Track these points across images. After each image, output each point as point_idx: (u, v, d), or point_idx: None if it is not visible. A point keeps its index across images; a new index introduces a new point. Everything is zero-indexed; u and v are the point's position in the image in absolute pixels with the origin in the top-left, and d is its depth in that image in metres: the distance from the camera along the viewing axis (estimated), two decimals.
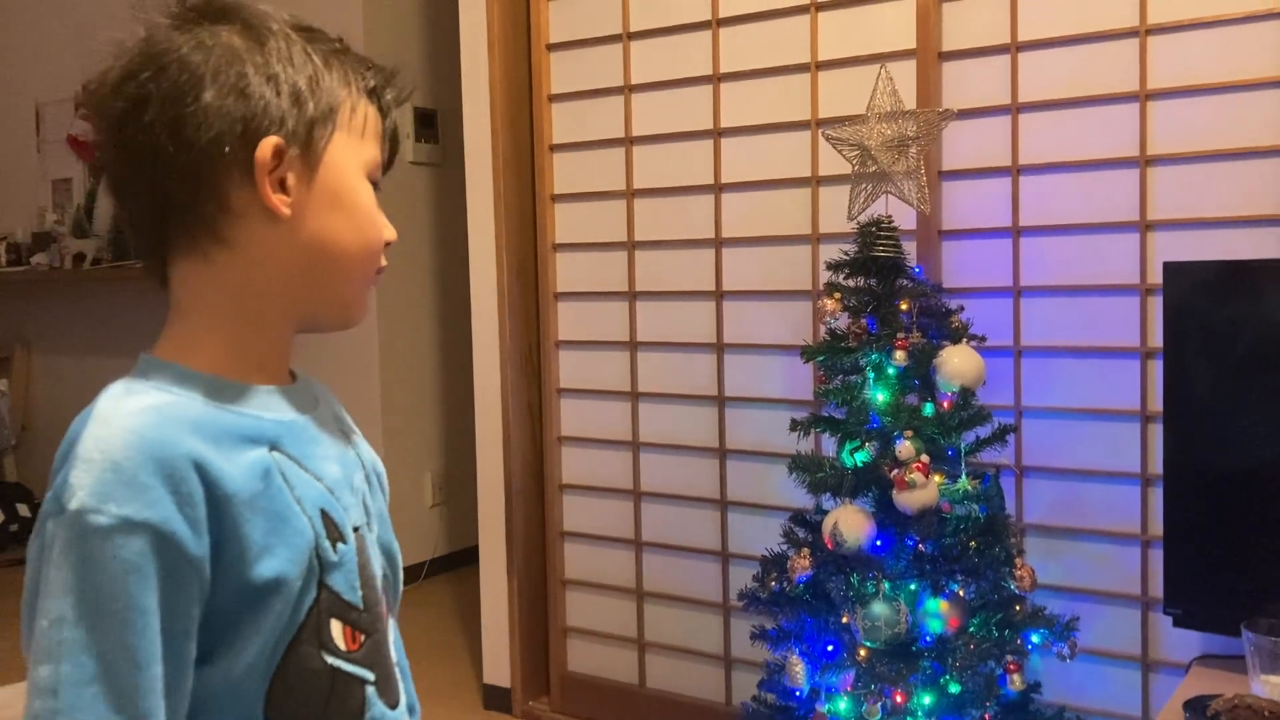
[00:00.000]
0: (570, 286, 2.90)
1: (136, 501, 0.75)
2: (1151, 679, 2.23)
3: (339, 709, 0.84)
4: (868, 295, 2.03)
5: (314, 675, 0.82)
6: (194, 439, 0.78)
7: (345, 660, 0.85)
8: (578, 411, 2.92)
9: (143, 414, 0.79)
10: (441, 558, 4.28)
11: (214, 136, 0.82)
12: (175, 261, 0.86)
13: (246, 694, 0.80)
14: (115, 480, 0.75)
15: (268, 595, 0.79)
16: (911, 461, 1.90)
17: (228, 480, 0.79)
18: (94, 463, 0.76)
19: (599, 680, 2.89)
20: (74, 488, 0.75)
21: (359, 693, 0.86)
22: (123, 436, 0.77)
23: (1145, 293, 2.19)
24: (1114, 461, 2.24)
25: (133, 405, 0.79)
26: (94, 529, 0.74)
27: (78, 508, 0.74)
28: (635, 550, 2.83)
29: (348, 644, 0.85)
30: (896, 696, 1.89)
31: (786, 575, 2.05)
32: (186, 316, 0.86)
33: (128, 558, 0.74)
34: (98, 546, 0.74)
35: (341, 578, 0.85)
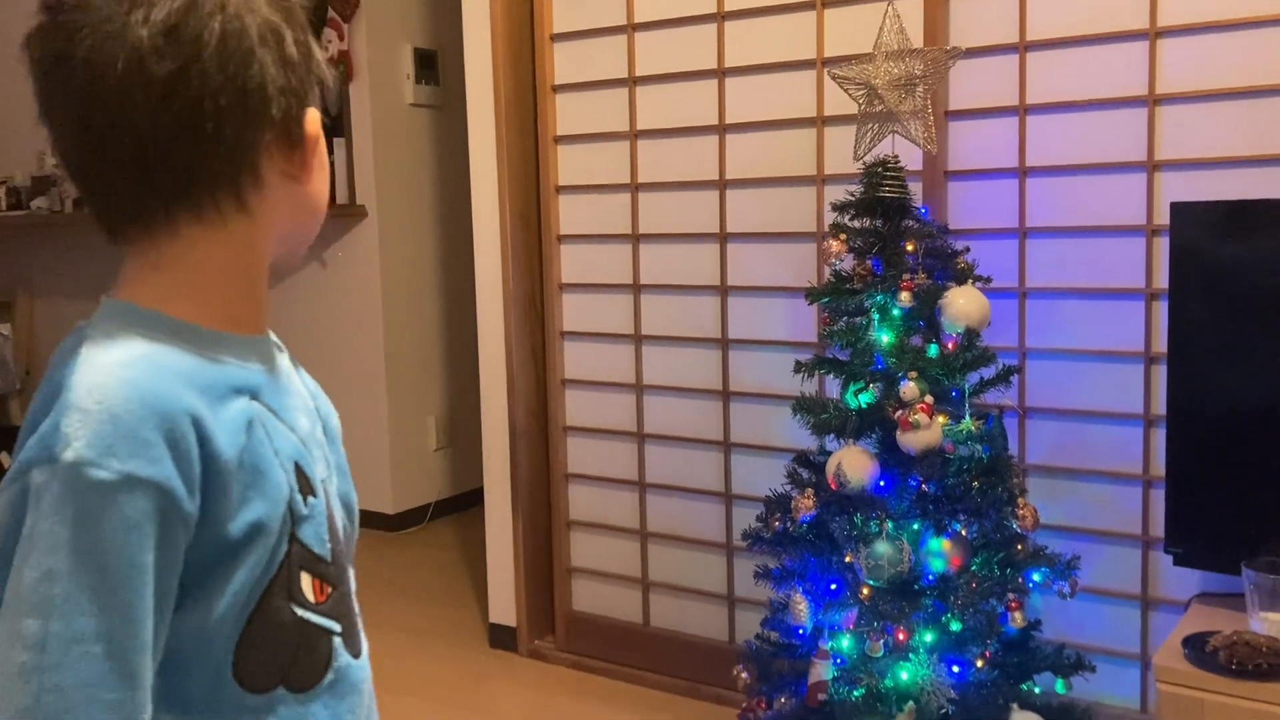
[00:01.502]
0: (573, 229, 2.89)
1: (140, 458, 0.73)
2: (1151, 617, 2.25)
3: (307, 660, 0.85)
4: (873, 236, 2.02)
5: (283, 628, 0.83)
6: (190, 393, 0.77)
7: (313, 612, 0.85)
8: (581, 355, 2.92)
9: (137, 363, 0.77)
10: (445, 500, 4.32)
11: (268, 104, 0.80)
12: (180, 228, 0.82)
13: (216, 646, 0.79)
14: (115, 433, 0.73)
15: (243, 549, 0.79)
16: (915, 402, 1.90)
17: (218, 438, 0.77)
18: (90, 412, 0.73)
19: (603, 619, 2.92)
20: (69, 437, 0.72)
21: (326, 644, 0.86)
22: (120, 387, 0.74)
23: (1151, 233, 2.18)
24: (1117, 402, 2.24)
25: (124, 353, 0.77)
26: (94, 483, 0.72)
27: (75, 459, 0.72)
28: (639, 492, 2.85)
29: (316, 596, 0.85)
30: (899, 634, 1.91)
31: (790, 515, 2.07)
32: (178, 270, 0.83)
33: (129, 515, 0.72)
34: (98, 502, 0.72)
35: (311, 531, 0.85)
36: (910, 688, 1.90)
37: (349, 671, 0.89)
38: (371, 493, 4.19)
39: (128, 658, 0.72)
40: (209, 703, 0.80)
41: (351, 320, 4.16)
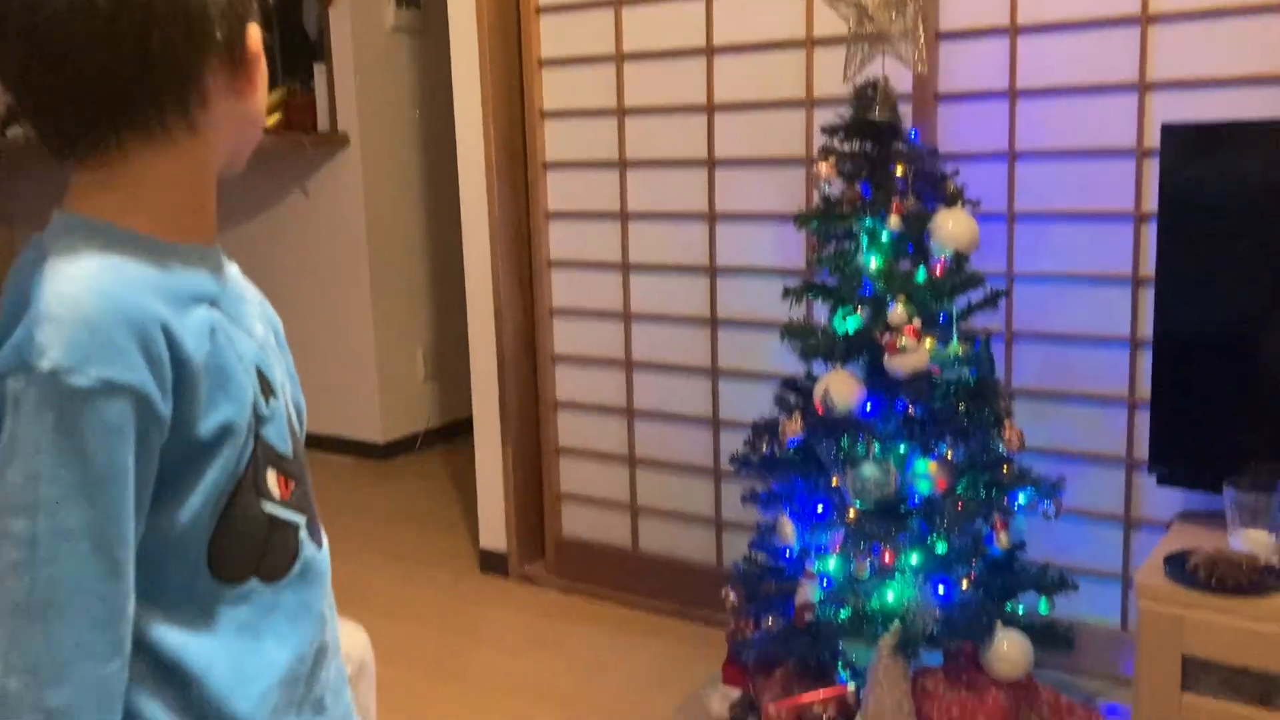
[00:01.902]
0: (559, 156, 2.86)
1: (116, 364, 0.75)
2: (1133, 537, 2.29)
3: (276, 552, 0.89)
4: (863, 160, 2.01)
5: (253, 522, 0.86)
6: (158, 301, 0.79)
7: (280, 506, 0.89)
8: (569, 284, 2.91)
9: (105, 274, 0.79)
10: (434, 430, 4.33)
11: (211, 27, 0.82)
12: (129, 146, 0.83)
13: (192, 542, 0.83)
14: (92, 341, 0.75)
15: (213, 449, 0.82)
16: (903, 326, 1.90)
17: (186, 343, 0.80)
18: (64, 322, 0.75)
19: (593, 544, 2.95)
20: (44, 346, 0.74)
21: (293, 536, 0.91)
22: (91, 297, 0.76)
23: (1141, 156, 2.16)
24: (1104, 325, 2.25)
25: (91, 265, 0.79)
26: (73, 390, 0.74)
27: (52, 368, 0.74)
28: (627, 419, 2.86)
29: (281, 492, 0.89)
30: (885, 555, 1.93)
31: (777, 439, 2.08)
32: (129, 186, 0.84)
33: (109, 419, 0.75)
34: (78, 408, 0.74)
35: (273, 429, 0.89)
36: (896, 608, 1.93)
37: (314, 561, 0.93)
38: (360, 422, 4.20)
39: (113, 553, 0.76)
40: (187, 595, 0.84)
41: (336, 250, 4.13)
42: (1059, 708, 2.01)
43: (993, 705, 1.92)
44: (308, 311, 4.20)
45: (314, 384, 4.76)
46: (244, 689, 0.85)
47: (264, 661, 0.87)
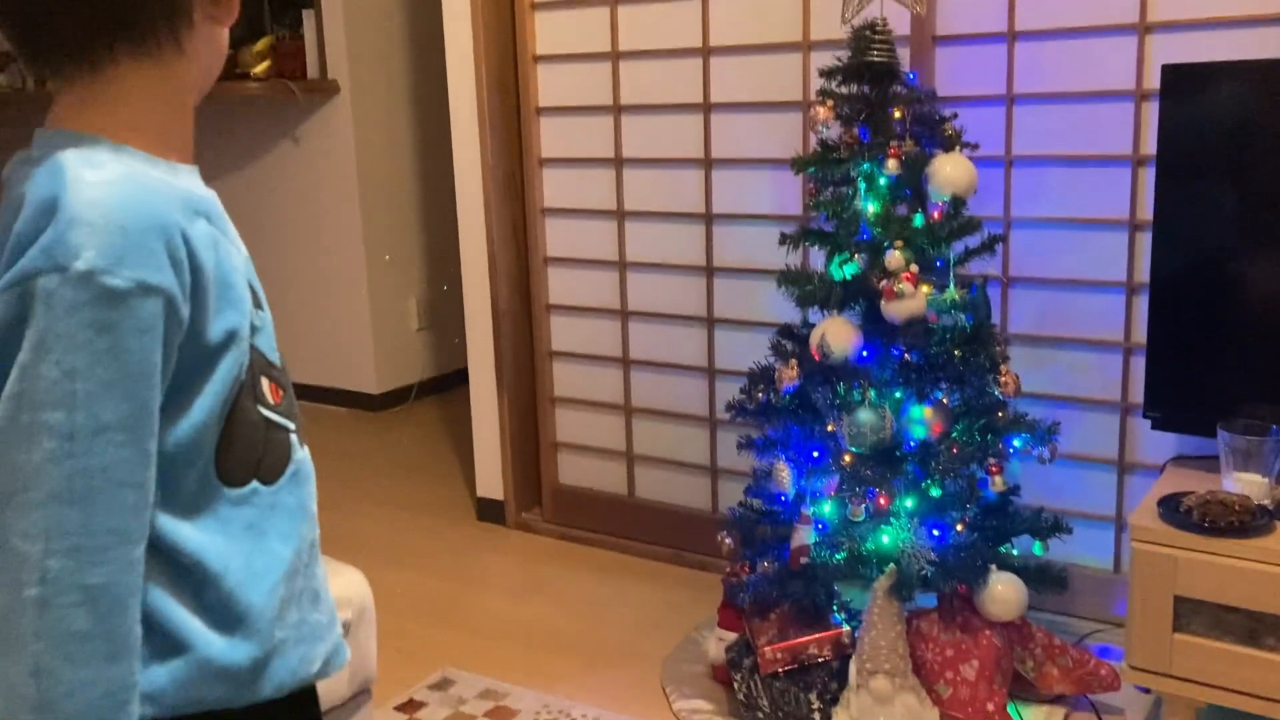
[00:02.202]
0: (553, 101, 2.83)
1: (148, 266, 0.80)
2: (1127, 481, 2.30)
3: (273, 455, 0.94)
4: (860, 103, 1.99)
5: (253, 426, 0.91)
6: (176, 210, 0.83)
7: (273, 412, 0.94)
8: (563, 232, 2.89)
9: (128, 181, 0.82)
10: (428, 381, 4.33)
11: None
12: (121, 62, 0.87)
13: (203, 446, 0.87)
14: (125, 244, 0.79)
15: (219, 354, 0.87)
16: (900, 272, 1.90)
17: (200, 251, 0.84)
18: (96, 225, 0.78)
19: (589, 492, 2.97)
20: (79, 248, 0.77)
21: (285, 440, 0.96)
22: (122, 201, 0.80)
23: (1140, 98, 2.15)
24: (1100, 270, 2.25)
25: (112, 173, 0.82)
26: (109, 290, 0.78)
27: (88, 269, 0.77)
28: (623, 368, 2.86)
29: (274, 398, 0.94)
30: (880, 499, 1.95)
31: (774, 386, 2.08)
32: (120, 104, 0.88)
33: (143, 319, 0.79)
34: (115, 307, 0.78)
35: (264, 339, 0.94)
36: (891, 551, 1.95)
37: (304, 463, 0.98)
38: (355, 373, 4.19)
39: (145, 445, 0.81)
40: (200, 499, 0.88)
41: (328, 200, 4.09)
42: (1052, 649, 2.04)
43: (986, 646, 1.94)
44: (300, 262, 4.18)
45: (308, 335, 4.76)
46: (257, 584, 0.90)
47: (271, 558, 0.92)
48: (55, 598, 0.77)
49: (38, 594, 0.77)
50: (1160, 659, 1.84)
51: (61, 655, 0.77)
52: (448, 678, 2.30)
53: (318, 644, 0.98)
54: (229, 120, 4.19)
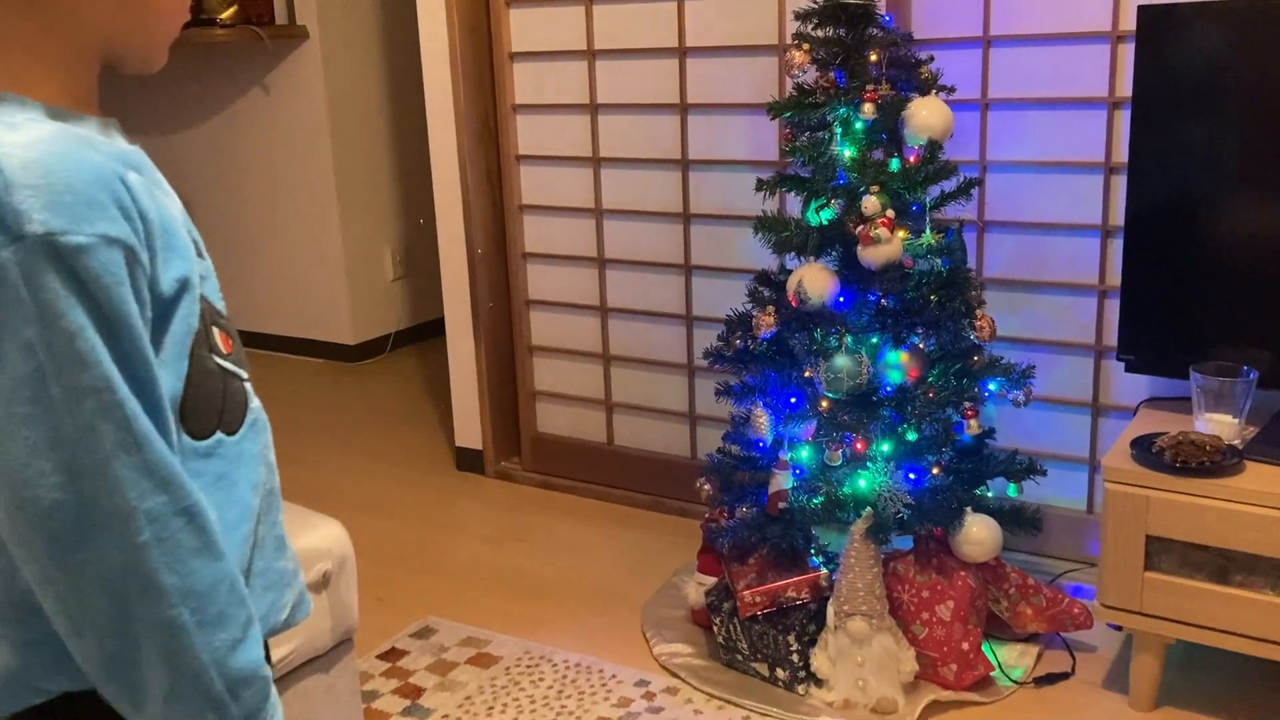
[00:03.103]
0: (526, 46, 2.79)
1: (103, 220, 0.78)
2: (1100, 423, 2.33)
3: (232, 405, 0.93)
4: (836, 46, 1.97)
5: (211, 376, 0.90)
6: (111, 160, 0.81)
7: (227, 360, 0.93)
8: (538, 179, 2.87)
9: (57, 139, 0.79)
10: (405, 331, 4.31)
11: None
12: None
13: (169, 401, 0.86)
14: (76, 201, 0.77)
15: (174, 304, 0.85)
16: (877, 217, 1.89)
17: (142, 200, 0.82)
18: (40, 187, 0.76)
19: (568, 440, 2.97)
20: (28, 212, 0.75)
21: (241, 389, 0.95)
22: (59, 160, 0.77)
23: (1116, 40, 2.14)
24: (1076, 214, 2.25)
25: (37, 132, 0.79)
26: (74, 248, 0.76)
27: (45, 231, 0.75)
28: (601, 316, 2.85)
29: (225, 347, 0.93)
30: (857, 444, 1.96)
31: (751, 333, 2.09)
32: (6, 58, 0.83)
33: (113, 271, 0.78)
34: (83, 264, 0.76)
35: (210, 287, 0.92)
36: (867, 494, 1.97)
37: (259, 412, 0.98)
38: (330, 324, 4.17)
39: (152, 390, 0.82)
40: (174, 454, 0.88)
41: (299, 150, 4.04)
42: (1026, 588, 2.07)
43: (961, 587, 1.97)
44: (272, 212, 4.13)
45: (282, 286, 4.72)
46: (231, 535, 0.90)
47: (243, 508, 0.93)
48: (164, 532, 0.81)
49: (150, 535, 0.80)
50: (1131, 597, 1.87)
51: (191, 577, 0.82)
52: (429, 626, 2.32)
53: (285, 590, 0.99)
54: (195, 68, 4.11)
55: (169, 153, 4.26)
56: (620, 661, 2.15)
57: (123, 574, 0.80)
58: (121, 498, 0.79)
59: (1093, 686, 2.02)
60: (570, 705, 2.02)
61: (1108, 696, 1.99)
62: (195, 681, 0.83)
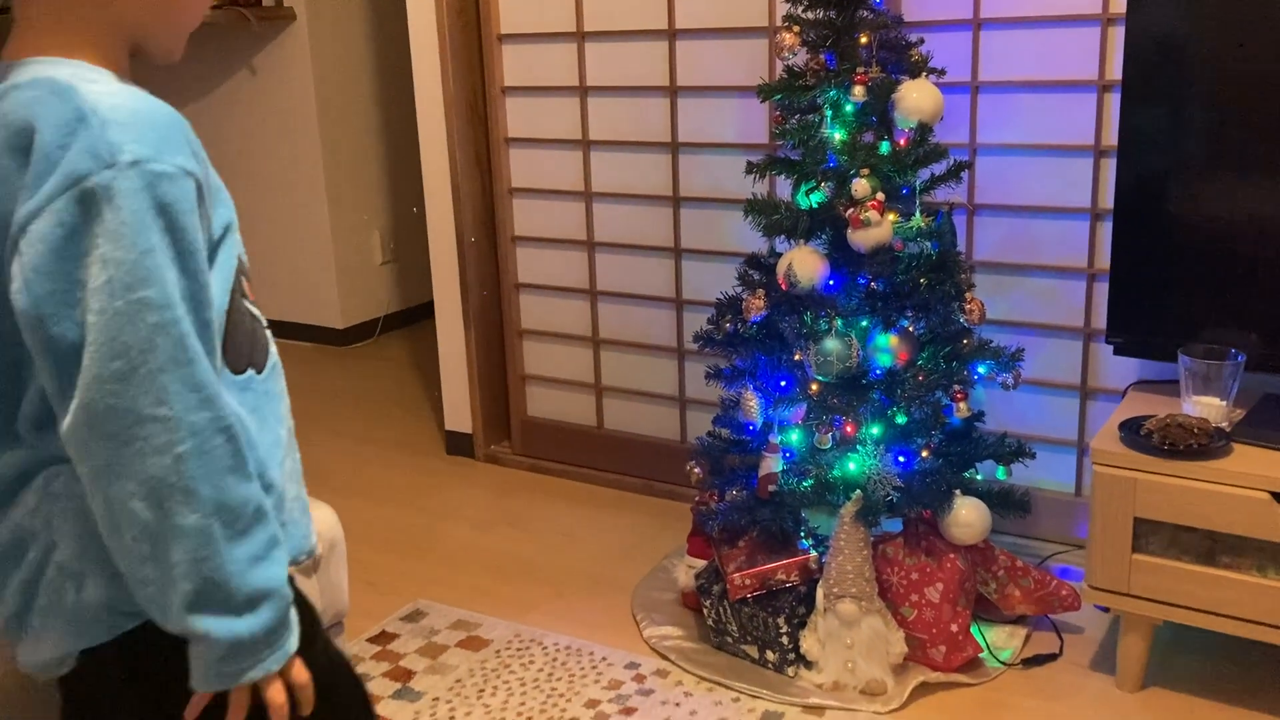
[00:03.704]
0: (515, 28, 2.77)
1: (181, 154, 0.90)
2: (1089, 406, 2.34)
3: (259, 345, 1.04)
4: (826, 28, 1.96)
5: (245, 318, 1.01)
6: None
7: (253, 306, 1.04)
8: (527, 162, 2.85)
9: (131, 91, 0.92)
10: (394, 314, 4.30)
11: None
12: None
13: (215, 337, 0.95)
14: (159, 138, 0.89)
15: (221, 246, 0.97)
16: (867, 200, 1.89)
17: (199, 149, 0.94)
18: (129, 124, 0.88)
19: (558, 423, 2.97)
20: (121, 143, 0.86)
21: (264, 333, 1.06)
22: (141, 103, 0.90)
23: (1107, 22, 2.14)
24: (1065, 197, 2.25)
25: (111, 86, 0.91)
26: (160, 174, 0.87)
27: (134, 159, 0.86)
28: (590, 299, 2.85)
29: (250, 294, 1.05)
30: (846, 427, 1.96)
31: (741, 316, 2.08)
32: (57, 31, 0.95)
33: (190, 199, 0.90)
34: (166, 189, 0.88)
35: (239, 241, 1.03)
36: (857, 477, 1.97)
37: (277, 356, 1.09)
38: (319, 307, 4.15)
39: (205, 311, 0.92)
40: None
41: (286, 132, 4.01)
42: (1014, 570, 2.08)
43: (950, 569, 1.98)
44: (259, 195, 4.10)
45: (271, 270, 4.70)
46: (270, 463, 1.00)
47: (273, 438, 1.02)
48: (204, 445, 0.89)
49: (191, 446, 0.88)
50: (1119, 579, 1.88)
51: (225, 491, 0.90)
52: (420, 609, 2.32)
53: (307, 519, 1.08)
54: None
55: None
56: (610, 644, 2.16)
57: (163, 479, 0.87)
58: (168, 408, 0.87)
59: (1080, 667, 2.03)
60: (560, 687, 2.03)
61: (1095, 677, 2.00)
62: (218, 590, 0.89)
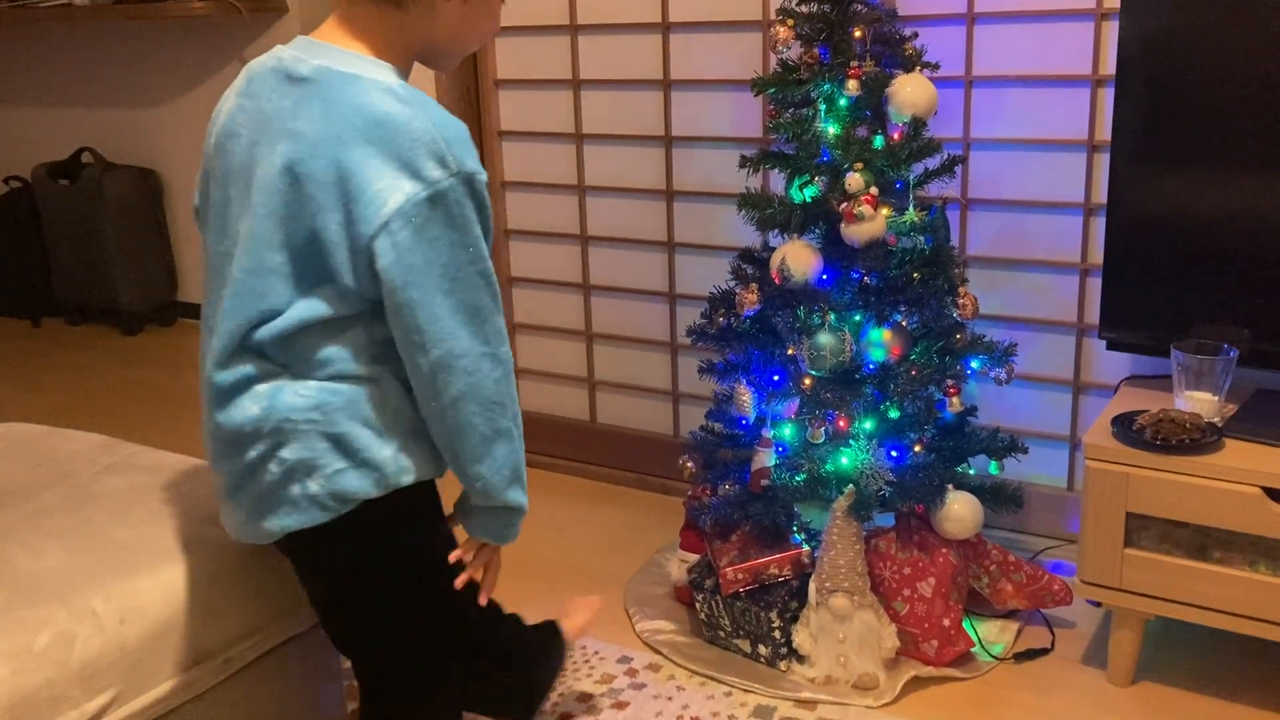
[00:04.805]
0: (508, 20, 2.75)
1: (478, 162, 1.25)
2: (1082, 401, 2.34)
3: None
4: (820, 22, 1.96)
5: None
6: None
7: None
8: (521, 156, 2.85)
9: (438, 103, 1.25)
10: None
11: None
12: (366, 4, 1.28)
13: None
14: (472, 151, 1.24)
15: None
16: (860, 194, 1.89)
17: None
18: (459, 140, 1.23)
19: (551, 418, 2.97)
20: (461, 158, 1.22)
21: None
22: (454, 122, 1.24)
23: (1100, 17, 2.14)
24: (1059, 192, 2.25)
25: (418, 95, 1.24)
26: (479, 181, 1.24)
27: (469, 172, 1.22)
28: (583, 293, 2.84)
29: None
30: (839, 421, 1.96)
31: (734, 311, 2.08)
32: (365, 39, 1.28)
33: (488, 196, 1.26)
34: (480, 191, 1.24)
35: None
36: (850, 472, 1.97)
37: None
38: None
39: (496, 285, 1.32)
40: None
41: None
42: (1006, 565, 2.08)
43: (943, 564, 1.98)
44: None
45: None
46: None
47: None
48: (507, 370, 1.31)
49: (503, 371, 1.30)
50: (1111, 573, 1.88)
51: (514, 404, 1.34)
52: None
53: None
54: (172, 42, 4.06)
55: (146, 126, 4.21)
56: (603, 639, 2.16)
57: (492, 397, 1.29)
58: (492, 346, 1.28)
59: (1072, 662, 2.04)
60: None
61: (1087, 672, 2.01)
62: (520, 472, 1.39)
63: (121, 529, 1.55)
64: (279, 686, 1.61)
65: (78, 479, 1.71)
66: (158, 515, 1.59)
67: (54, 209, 4.23)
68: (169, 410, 3.50)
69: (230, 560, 1.52)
